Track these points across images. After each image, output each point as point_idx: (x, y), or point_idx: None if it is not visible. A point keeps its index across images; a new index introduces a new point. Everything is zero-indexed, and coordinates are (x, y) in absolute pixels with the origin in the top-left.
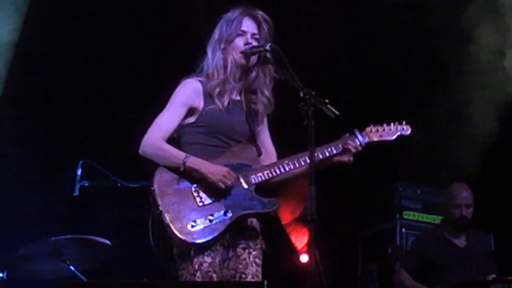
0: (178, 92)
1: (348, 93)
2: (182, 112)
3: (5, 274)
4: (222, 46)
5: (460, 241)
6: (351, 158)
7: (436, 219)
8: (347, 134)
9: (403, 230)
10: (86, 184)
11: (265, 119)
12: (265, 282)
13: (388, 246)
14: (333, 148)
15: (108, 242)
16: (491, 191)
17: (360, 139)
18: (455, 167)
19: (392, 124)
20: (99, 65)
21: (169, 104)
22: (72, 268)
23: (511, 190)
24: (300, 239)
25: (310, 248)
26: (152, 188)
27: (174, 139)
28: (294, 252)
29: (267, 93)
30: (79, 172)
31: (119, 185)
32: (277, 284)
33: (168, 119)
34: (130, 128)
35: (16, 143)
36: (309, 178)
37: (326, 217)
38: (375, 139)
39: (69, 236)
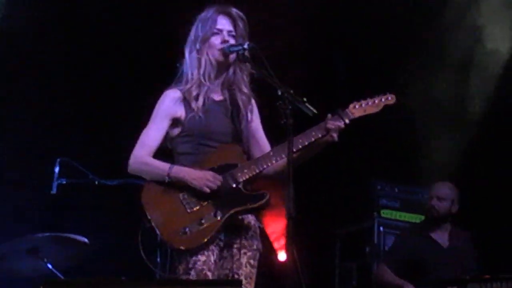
0: (159, 105)
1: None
2: (164, 124)
3: None
4: (197, 46)
5: (443, 241)
6: (335, 135)
7: (414, 217)
8: (330, 115)
9: (381, 228)
10: (64, 182)
11: (256, 113)
12: (242, 280)
13: (366, 245)
14: (317, 131)
15: (86, 240)
16: (472, 188)
17: (343, 118)
18: (435, 165)
19: (375, 96)
20: (78, 63)
21: (152, 118)
22: (50, 266)
23: (492, 187)
24: (277, 237)
25: (288, 246)
26: (141, 203)
27: (168, 150)
28: (271, 250)
29: (245, 89)
30: (56, 170)
31: (96, 183)
32: (255, 282)
33: (151, 135)
34: (108, 126)
35: None
36: (287, 176)
37: (304, 215)
38: (360, 114)
39: (47, 234)
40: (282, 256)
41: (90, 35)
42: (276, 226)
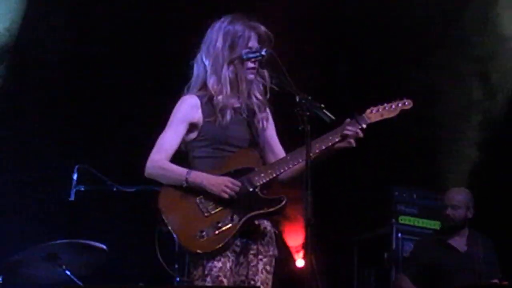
0: (176, 109)
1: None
2: (182, 129)
3: (1, 279)
4: (229, 61)
5: (461, 245)
6: (352, 141)
7: (432, 224)
8: (348, 120)
9: (399, 234)
10: (82, 189)
11: (271, 121)
12: (264, 286)
13: (384, 251)
14: (334, 136)
15: (104, 246)
16: (491, 193)
17: (361, 123)
18: (454, 171)
19: (392, 101)
20: (96, 70)
21: (169, 123)
22: (68, 272)
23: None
24: (296, 243)
25: (306, 253)
26: (158, 207)
27: (185, 155)
28: (290, 257)
29: (259, 96)
30: (75, 177)
31: (114, 189)
32: None
33: (168, 139)
34: (126, 133)
35: (12, 148)
36: (305, 182)
37: (322, 221)
38: (376, 119)
39: (65, 241)
40: (300, 262)
41: (108, 42)
42: (294, 233)
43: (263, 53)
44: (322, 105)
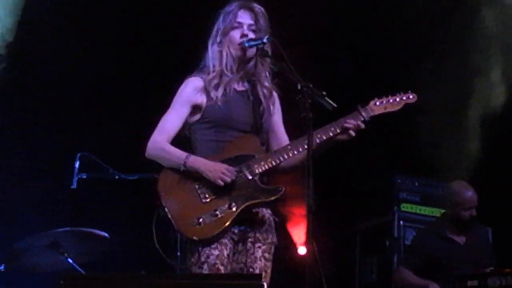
0: (180, 91)
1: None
2: (185, 111)
3: (3, 267)
4: (218, 39)
5: (460, 238)
6: (352, 133)
7: (435, 211)
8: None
9: (401, 222)
10: (84, 177)
11: (278, 107)
12: (263, 274)
13: (386, 239)
14: (336, 127)
15: (106, 234)
16: (491, 183)
17: (363, 115)
18: (455, 159)
19: (397, 94)
20: (98, 57)
21: (172, 104)
22: (70, 260)
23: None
24: (298, 231)
25: (308, 240)
26: (157, 190)
27: (186, 137)
28: (291, 244)
29: (266, 83)
30: (77, 164)
31: (117, 177)
32: (274, 276)
33: (170, 120)
34: (128, 121)
35: (14, 136)
36: (307, 170)
37: (324, 209)
38: (380, 111)
39: (67, 229)
40: (302, 250)
41: (109, 29)
42: (296, 221)
43: (264, 40)
44: (324, 93)
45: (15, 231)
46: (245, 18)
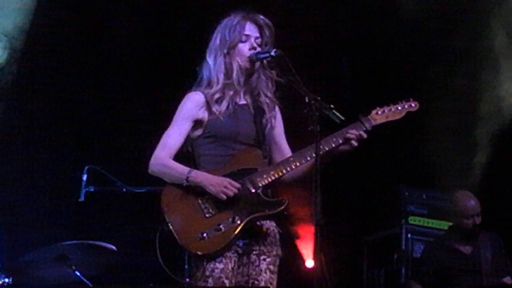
0: (181, 107)
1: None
2: (186, 126)
3: (10, 280)
4: (225, 51)
5: (466, 248)
6: (354, 143)
7: (442, 224)
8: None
9: (409, 235)
10: (92, 190)
11: (279, 120)
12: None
13: (393, 252)
14: (338, 138)
15: (114, 247)
16: (498, 193)
17: (366, 125)
18: (461, 172)
19: (398, 102)
20: (107, 72)
21: (174, 120)
22: (78, 273)
23: None
24: (305, 244)
25: (316, 253)
26: (160, 207)
27: (188, 153)
28: (299, 257)
29: (269, 94)
30: (84, 177)
31: (124, 190)
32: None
33: (172, 136)
34: (135, 134)
35: (22, 149)
36: (314, 183)
37: (332, 222)
38: (382, 121)
39: (75, 242)
40: (309, 263)
41: (115, 43)
42: (304, 233)
43: (272, 53)
44: (332, 106)
45: (23, 244)
46: (252, 30)
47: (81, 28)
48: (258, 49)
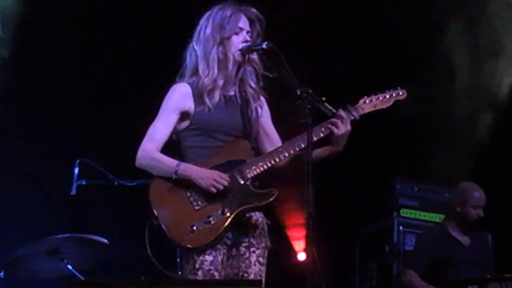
0: (167, 98)
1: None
2: (173, 118)
3: (2, 274)
4: (218, 41)
5: (465, 240)
6: (337, 131)
7: (434, 217)
8: (340, 110)
9: (401, 228)
10: (84, 183)
11: (266, 109)
12: (263, 280)
13: (385, 244)
14: (325, 126)
15: (106, 241)
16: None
17: (354, 114)
18: (453, 164)
19: (386, 91)
20: (97, 64)
21: (160, 112)
22: (70, 267)
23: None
24: (297, 237)
25: (308, 246)
26: (149, 200)
27: (176, 144)
28: (291, 250)
29: (253, 85)
30: (76, 171)
31: (116, 183)
32: (274, 282)
33: (159, 128)
34: (127, 127)
35: (13, 142)
36: (306, 175)
37: (324, 214)
38: (370, 109)
39: (67, 235)
40: (301, 256)
41: (110, 35)
42: (295, 226)
43: (263, 46)
44: (324, 98)
45: (15, 237)
46: (245, 24)
47: (71, 21)
48: (249, 42)
